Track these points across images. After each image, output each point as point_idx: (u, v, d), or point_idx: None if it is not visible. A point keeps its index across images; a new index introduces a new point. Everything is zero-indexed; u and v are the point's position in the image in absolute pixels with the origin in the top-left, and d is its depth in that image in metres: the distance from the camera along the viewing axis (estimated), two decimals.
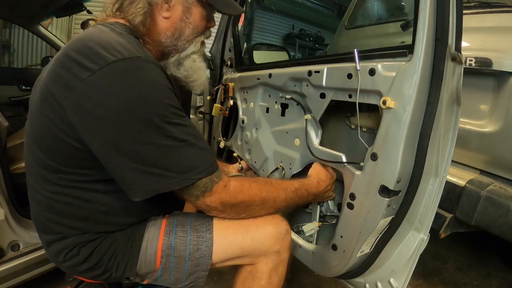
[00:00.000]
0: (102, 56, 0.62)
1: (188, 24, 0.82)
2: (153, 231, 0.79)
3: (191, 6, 0.81)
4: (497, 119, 1.23)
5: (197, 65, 0.88)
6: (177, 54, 0.86)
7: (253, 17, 6.98)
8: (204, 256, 0.78)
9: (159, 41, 0.82)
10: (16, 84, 2.36)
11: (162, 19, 0.80)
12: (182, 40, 0.83)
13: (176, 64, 0.87)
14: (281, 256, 0.84)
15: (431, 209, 0.80)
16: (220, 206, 0.74)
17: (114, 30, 0.72)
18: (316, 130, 1.01)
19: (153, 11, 0.78)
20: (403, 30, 1.88)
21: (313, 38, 7.56)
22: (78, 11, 2.26)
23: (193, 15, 0.82)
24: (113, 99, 0.61)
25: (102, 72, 0.60)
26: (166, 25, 0.81)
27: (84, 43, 0.65)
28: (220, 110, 1.50)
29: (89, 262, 0.75)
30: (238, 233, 0.81)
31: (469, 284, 1.67)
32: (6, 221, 1.11)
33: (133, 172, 0.64)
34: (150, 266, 0.77)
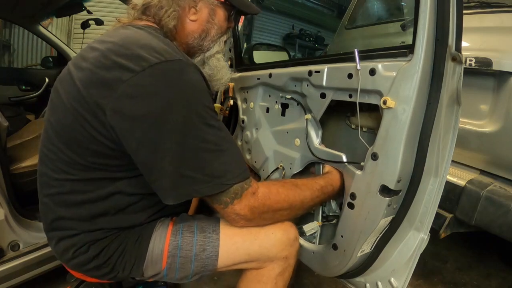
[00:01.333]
0: (145, 58, 0.63)
1: (213, 24, 0.87)
2: (161, 232, 0.79)
3: (216, 8, 0.86)
4: (497, 119, 1.23)
5: (221, 64, 0.93)
6: (202, 54, 0.90)
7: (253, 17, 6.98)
8: (211, 257, 0.78)
9: (186, 42, 0.86)
10: (16, 84, 2.36)
11: (190, 22, 0.84)
12: (208, 40, 0.88)
13: (201, 63, 0.91)
14: (289, 262, 0.84)
15: (431, 209, 0.80)
16: (249, 214, 0.73)
17: (150, 33, 0.74)
18: (316, 130, 1.01)
19: (181, 15, 0.82)
20: (403, 30, 1.88)
21: (313, 38, 7.55)
22: (78, 11, 2.26)
23: (217, 16, 0.87)
24: (156, 99, 0.62)
25: (144, 73, 0.62)
26: (194, 27, 0.85)
27: (125, 45, 0.66)
28: (220, 110, 1.50)
29: (97, 260, 0.75)
30: (246, 240, 0.80)
31: (469, 284, 1.67)
32: (6, 221, 1.11)
33: (168, 174, 0.64)
34: (156, 267, 0.78)
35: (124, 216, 0.76)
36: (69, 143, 0.70)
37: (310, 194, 0.84)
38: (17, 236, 1.14)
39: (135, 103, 0.62)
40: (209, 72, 0.91)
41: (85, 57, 0.71)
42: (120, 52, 0.65)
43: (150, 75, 0.62)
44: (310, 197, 0.84)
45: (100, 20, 2.33)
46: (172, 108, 0.62)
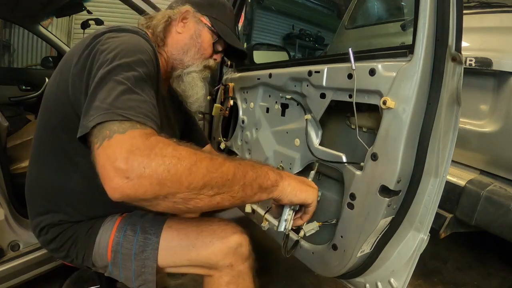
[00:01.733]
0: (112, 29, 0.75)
1: (196, 43, 0.94)
2: (108, 226, 0.85)
3: (202, 29, 0.94)
4: (497, 119, 1.23)
5: (195, 82, 0.95)
6: (181, 70, 0.95)
7: (253, 17, 6.98)
8: (149, 258, 0.81)
9: (170, 52, 0.93)
10: (16, 84, 2.36)
11: (177, 33, 0.93)
12: (189, 56, 0.93)
13: (178, 79, 0.95)
14: (237, 269, 0.83)
15: (431, 209, 0.80)
16: (124, 157, 0.47)
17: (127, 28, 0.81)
18: (316, 130, 1.01)
19: (171, 25, 0.93)
20: (403, 30, 1.88)
21: (313, 38, 7.55)
22: (78, 11, 2.27)
23: (202, 37, 0.94)
24: (102, 46, 0.68)
25: (104, 35, 0.72)
26: (178, 38, 0.93)
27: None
28: (220, 110, 1.50)
29: (55, 244, 0.84)
30: (183, 246, 0.82)
31: (469, 284, 1.67)
32: (6, 221, 1.11)
33: (85, 104, 0.60)
34: (103, 259, 0.84)
35: (79, 204, 0.83)
36: (44, 118, 0.80)
37: (233, 168, 0.58)
38: (17, 236, 1.14)
39: (87, 51, 0.69)
40: (183, 87, 0.95)
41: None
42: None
43: (107, 37, 0.71)
44: (233, 170, 0.57)
45: (100, 20, 2.33)
46: (109, 50, 0.65)
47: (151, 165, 0.47)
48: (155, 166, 0.47)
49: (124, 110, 0.53)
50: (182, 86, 0.95)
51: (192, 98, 0.97)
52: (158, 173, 0.47)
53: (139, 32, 0.78)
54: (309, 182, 0.78)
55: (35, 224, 0.87)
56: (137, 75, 0.62)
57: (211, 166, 0.53)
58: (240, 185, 0.57)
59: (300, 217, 0.78)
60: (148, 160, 0.47)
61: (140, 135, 0.51)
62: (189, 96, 0.96)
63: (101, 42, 0.69)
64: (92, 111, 0.55)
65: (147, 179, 0.47)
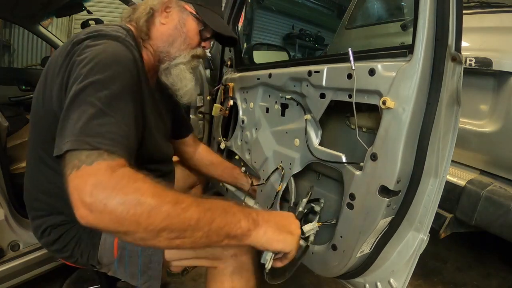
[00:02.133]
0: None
1: (181, 33, 0.89)
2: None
3: (187, 18, 0.89)
4: (497, 119, 1.23)
5: (183, 74, 0.92)
6: (168, 62, 0.91)
7: (253, 17, 6.98)
8: (156, 253, 0.82)
9: (156, 45, 0.89)
10: (16, 84, 2.36)
11: (160, 24, 0.88)
12: (174, 47, 0.89)
13: (166, 71, 0.92)
14: (240, 260, 0.84)
15: (431, 209, 0.80)
16: (89, 191, 0.49)
17: (108, 25, 0.81)
18: (316, 130, 1.01)
19: (154, 16, 0.88)
20: (403, 30, 1.88)
21: (313, 38, 7.55)
22: (78, 11, 2.26)
23: (187, 26, 0.89)
24: (78, 57, 0.68)
25: (82, 44, 0.70)
26: (162, 30, 0.88)
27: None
28: (220, 110, 1.50)
29: (58, 244, 0.84)
30: None
31: (469, 284, 1.67)
32: (6, 221, 1.11)
33: (60, 121, 0.61)
34: (109, 257, 0.84)
35: None
36: (34, 122, 0.80)
37: (206, 214, 0.55)
38: (17, 236, 1.14)
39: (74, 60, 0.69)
40: (171, 81, 0.92)
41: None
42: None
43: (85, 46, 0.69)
44: (203, 219, 0.55)
45: (100, 20, 2.32)
46: (85, 63, 0.64)
47: (112, 203, 0.48)
48: (115, 205, 0.48)
49: (92, 137, 0.54)
50: (170, 79, 0.92)
51: (181, 91, 0.94)
52: (118, 212, 0.48)
53: (119, 37, 0.74)
54: (291, 227, 0.69)
55: (36, 226, 0.86)
56: (109, 93, 0.60)
57: (173, 211, 0.52)
58: (204, 231, 0.55)
59: (280, 260, 0.71)
60: (109, 198, 0.49)
61: (105, 168, 0.51)
62: (178, 89, 0.93)
63: (78, 52, 0.68)
64: (65, 132, 0.56)
65: (107, 215, 0.49)
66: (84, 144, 0.53)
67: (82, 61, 0.65)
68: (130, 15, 0.90)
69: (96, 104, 0.58)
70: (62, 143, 0.55)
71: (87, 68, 0.62)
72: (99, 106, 0.58)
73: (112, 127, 0.57)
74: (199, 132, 1.76)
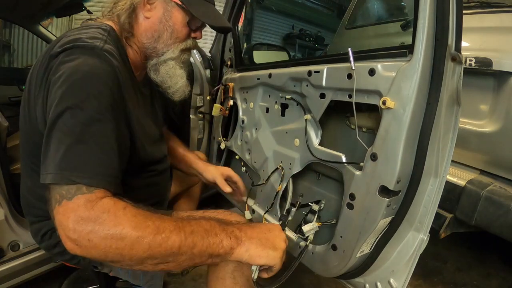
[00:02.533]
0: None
1: (167, 27, 0.82)
2: None
3: (172, 9, 0.81)
4: (497, 119, 1.23)
5: (172, 71, 0.86)
6: (156, 58, 0.85)
7: (253, 17, 6.98)
8: None
9: (141, 42, 0.83)
10: (16, 84, 2.36)
11: (144, 18, 0.82)
12: (161, 43, 0.83)
13: (154, 68, 0.86)
14: None
15: (431, 209, 0.80)
16: (72, 226, 0.52)
17: (88, 27, 0.76)
18: (316, 130, 1.01)
19: (137, 10, 0.81)
20: (403, 30, 1.88)
21: (313, 38, 7.55)
22: (78, 11, 2.26)
23: (173, 19, 0.82)
24: (53, 77, 0.65)
25: (57, 59, 0.67)
26: (147, 25, 0.82)
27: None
28: (220, 110, 1.50)
29: (59, 247, 0.84)
30: None
31: (469, 284, 1.67)
32: (6, 221, 1.11)
33: (43, 147, 0.62)
34: None
35: None
36: (24, 130, 0.77)
37: (186, 239, 0.57)
38: (17, 236, 1.14)
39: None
40: (160, 79, 0.87)
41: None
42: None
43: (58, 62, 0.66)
44: (187, 242, 0.57)
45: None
46: (60, 84, 0.61)
47: (95, 239, 0.52)
48: (98, 240, 0.52)
49: (70, 171, 0.56)
50: (159, 77, 0.86)
51: (172, 89, 0.89)
52: (102, 247, 0.52)
53: (95, 47, 0.67)
54: (275, 241, 0.69)
55: (35, 230, 0.86)
56: (86, 118, 0.59)
57: (154, 242, 0.54)
58: (187, 255, 0.57)
59: (266, 271, 0.71)
60: (92, 233, 0.52)
61: (84, 203, 0.54)
62: (168, 87, 0.88)
63: (54, 69, 0.65)
64: (47, 161, 0.58)
65: (92, 249, 0.52)
66: (63, 179, 0.55)
67: (57, 81, 0.62)
68: (111, 9, 0.82)
69: (73, 132, 0.58)
70: (45, 172, 0.57)
71: (62, 90, 0.60)
72: (76, 134, 0.58)
73: (90, 156, 0.58)
74: (199, 132, 1.76)
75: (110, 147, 0.62)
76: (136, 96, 0.84)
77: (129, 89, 0.77)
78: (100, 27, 0.76)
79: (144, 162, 0.87)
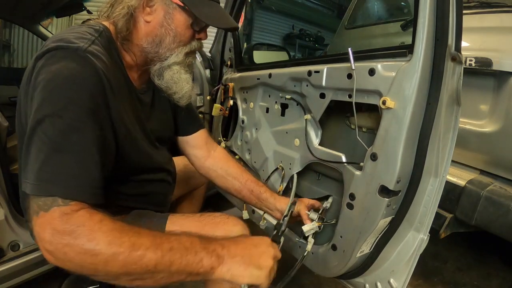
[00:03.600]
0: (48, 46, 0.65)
1: (169, 30, 0.77)
2: None
3: (173, 12, 0.76)
4: (497, 119, 1.23)
5: (177, 76, 0.82)
6: (159, 63, 0.81)
7: (253, 17, 6.98)
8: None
9: (141, 46, 0.79)
10: (16, 84, 2.36)
11: (144, 23, 0.77)
12: (164, 47, 0.79)
13: (158, 74, 0.82)
14: None
15: (431, 209, 0.80)
16: (48, 238, 0.52)
17: (80, 26, 0.73)
18: (316, 130, 1.01)
19: (136, 14, 0.76)
20: (403, 30, 1.88)
21: (313, 38, 7.55)
22: (78, 11, 2.26)
23: (175, 22, 0.77)
24: (34, 81, 0.63)
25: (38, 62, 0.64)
26: (147, 30, 0.77)
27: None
28: (220, 110, 1.50)
29: None
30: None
31: (469, 284, 1.67)
32: (6, 221, 1.11)
33: (22, 156, 0.63)
34: None
35: None
36: (19, 131, 0.75)
37: (165, 255, 0.56)
38: (17, 236, 1.14)
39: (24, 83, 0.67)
40: (165, 85, 0.83)
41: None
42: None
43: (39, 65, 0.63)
44: (153, 251, 0.55)
45: None
46: (40, 88, 0.60)
47: (70, 253, 0.52)
48: (73, 254, 0.52)
49: (47, 183, 0.55)
50: (164, 83, 0.82)
51: (178, 95, 0.85)
52: (77, 261, 0.52)
53: (78, 48, 0.63)
54: (261, 258, 0.66)
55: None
56: (64, 127, 0.58)
57: (129, 259, 0.53)
58: (164, 273, 0.56)
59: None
60: (67, 247, 0.51)
61: (60, 216, 0.53)
62: (174, 92, 0.84)
63: (36, 73, 0.63)
64: (27, 168, 0.58)
65: (68, 262, 0.52)
66: (41, 190, 0.55)
67: (37, 86, 0.61)
68: (107, 12, 0.78)
69: (52, 141, 0.57)
70: (25, 180, 0.57)
71: (41, 96, 0.59)
72: (54, 144, 0.57)
73: (67, 167, 0.57)
74: None
75: (89, 157, 0.60)
76: (131, 102, 0.80)
77: (121, 93, 0.74)
78: (93, 27, 0.73)
79: (138, 166, 0.85)
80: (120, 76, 0.76)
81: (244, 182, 1.02)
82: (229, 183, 1.03)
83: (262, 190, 1.01)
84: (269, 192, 1.01)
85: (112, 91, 0.68)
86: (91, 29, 0.71)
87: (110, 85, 0.67)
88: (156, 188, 0.95)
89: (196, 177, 1.24)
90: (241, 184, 1.02)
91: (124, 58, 0.79)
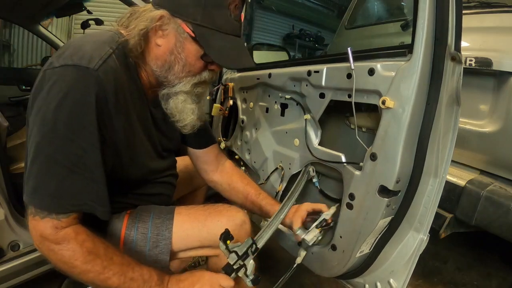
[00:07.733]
0: (63, 56, 0.65)
1: (178, 59, 0.74)
2: (116, 225, 0.83)
3: (184, 41, 0.72)
4: (497, 119, 1.23)
5: (182, 106, 0.80)
6: (168, 88, 0.79)
7: (253, 17, 6.98)
8: (163, 252, 0.83)
9: (151, 68, 0.77)
10: (16, 84, 2.37)
11: (156, 45, 0.75)
12: (172, 74, 0.76)
13: (165, 98, 0.80)
14: None
15: (431, 209, 0.80)
16: (38, 240, 0.67)
17: (103, 34, 0.73)
18: (315, 130, 1.01)
19: (150, 34, 0.74)
20: (403, 30, 1.88)
21: (313, 38, 7.55)
22: (78, 11, 2.26)
23: (185, 51, 0.73)
24: (40, 99, 0.65)
25: (45, 73, 0.65)
26: (158, 53, 0.75)
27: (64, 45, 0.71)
28: (220, 110, 1.50)
29: None
30: (194, 227, 0.85)
31: (469, 284, 1.67)
32: (6, 221, 1.11)
33: (26, 171, 0.67)
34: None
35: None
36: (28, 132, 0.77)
37: (118, 275, 0.69)
38: (17, 236, 1.14)
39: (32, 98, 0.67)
40: (169, 111, 0.81)
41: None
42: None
43: (44, 77, 0.65)
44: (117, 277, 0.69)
45: (100, 20, 2.33)
46: (42, 104, 0.63)
47: (51, 257, 0.67)
48: (55, 260, 0.67)
49: (44, 198, 0.64)
50: (168, 110, 0.81)
51: (180, 123, 0.83)
52: (55, 263, 0.67)
53: (89, 68, 0.63)
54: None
55: None
56: (60, 144, 0.63)
57: (97, 278, 0.67)
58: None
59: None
60: (52, 254, 0.66)
61: (51, 227, 0.65)
62: (177, 120, 0.82)
63: (39, 82, 0.65)
64: (30, 176, 0.65)
65: (53, 261, 0.67)
66: (38, 202, 0.64)
67: (41, 98, 0.64)
68: (124, 22, 0.77)
69: (49, 158, 0.63)
70: (26, 187, 0.65)
71: (43, 112, 0.62)
72: (50, 162, 0.63)
73: (63, 183, 0.64)
74: None
75: (88, 173, 0.66)
76: (142, 115, 0.81)
77: (130, 107, 0.75)
78: (114, 38, 0.72)
79: (136, 179, 0.87)
80: (134, 89, 0.76)
81: (246, 196, 1.06)
82: (233, 196, 1.09)
83: (263, 203, 1.03)
84: (270, 205, 1.02)
85: (117, 107, 0.70)
86: (110, 43, 0.70)
87: (117, 100, 0.69)
88: (161, 190, 0.97)
89: (198, 178, 1.24)
90: (244, 197, 1.07)
91: (139, 74, 0.78)
